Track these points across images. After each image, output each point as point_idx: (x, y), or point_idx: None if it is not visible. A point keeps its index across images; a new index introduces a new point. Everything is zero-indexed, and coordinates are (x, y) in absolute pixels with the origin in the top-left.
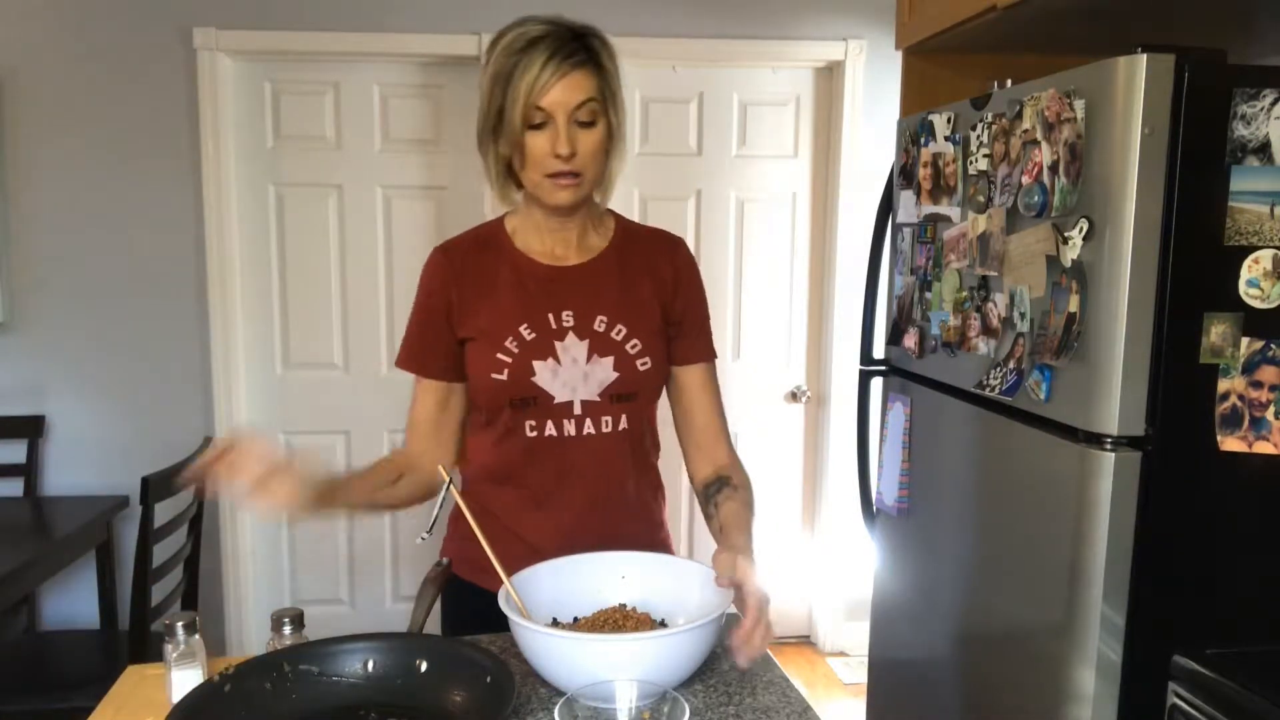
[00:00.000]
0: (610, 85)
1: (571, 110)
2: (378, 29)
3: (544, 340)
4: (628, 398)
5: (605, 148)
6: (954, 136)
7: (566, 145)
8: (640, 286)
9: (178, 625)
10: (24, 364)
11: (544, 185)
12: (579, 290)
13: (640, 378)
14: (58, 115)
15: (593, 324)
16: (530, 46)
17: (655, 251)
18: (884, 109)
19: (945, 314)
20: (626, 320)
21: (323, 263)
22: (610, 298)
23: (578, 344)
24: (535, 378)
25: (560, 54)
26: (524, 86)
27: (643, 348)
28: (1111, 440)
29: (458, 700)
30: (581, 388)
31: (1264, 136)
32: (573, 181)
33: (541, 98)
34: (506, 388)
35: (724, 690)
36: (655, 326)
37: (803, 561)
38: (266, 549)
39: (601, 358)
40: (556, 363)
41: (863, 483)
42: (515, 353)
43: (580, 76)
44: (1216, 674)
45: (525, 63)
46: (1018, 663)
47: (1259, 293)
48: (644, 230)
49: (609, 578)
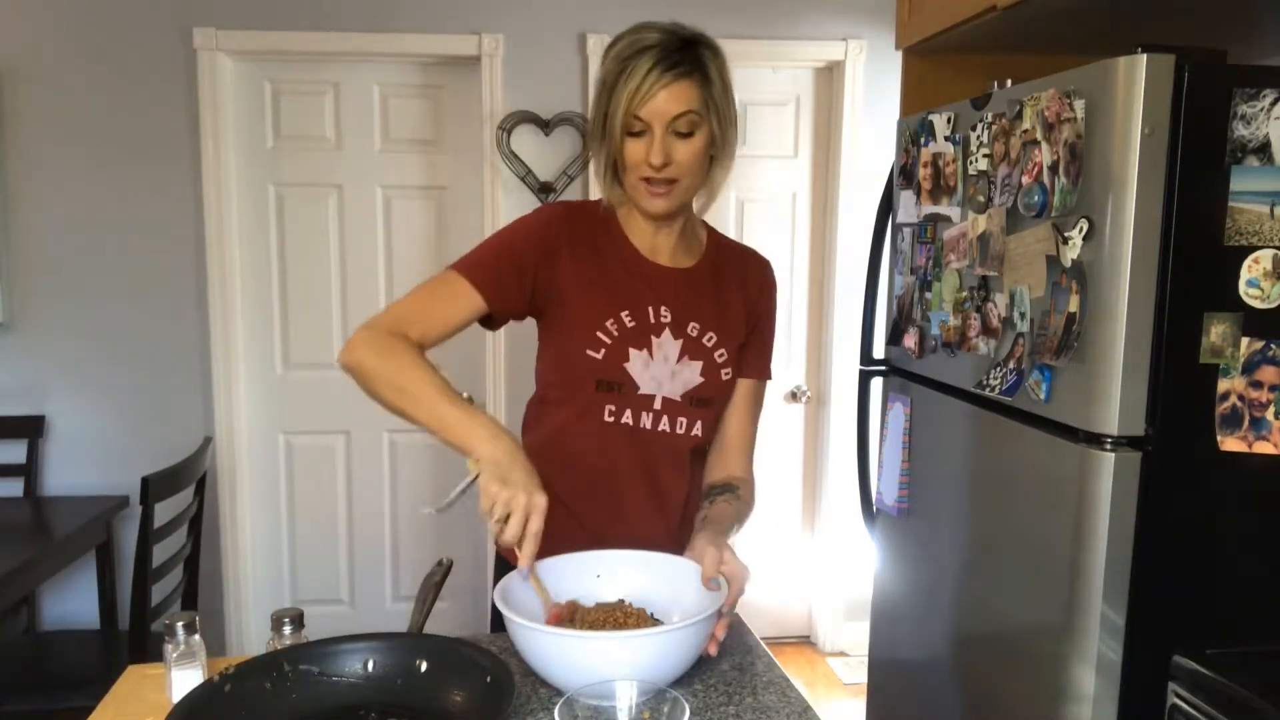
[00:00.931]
0: (715, 96)
1: (669, 121)
2: (378, 29)
3: (642, 331)
4: (705, 403)
5: (704, 158)
6: (954, 136)
7: (660, 155)
8: (732, 300)
9: (178, 625)
10: (24, 364)
11: (639, 190)
12: (678, 292)
13: (722, 386)
14: (58, 115)
15: (686, 327)
16: (637, 55)
17: (747, 268)
18: (884, 109)
19: (945, 314)
20: (718, 330)
21: (323, 263)
22: (705, 305)
23: (672, 342)
24: (628, 364)
25: (664, 64)
26: (625, 95)
27: (728, 358)
28: (1111, 440)
29: (458, 700)
30: (667, 384)
31: (1264, 136)
32: (665, 190)
33: (641, 108)
34: (598, 367)
35: (724, 690)
36: (739, 341)
37: (803, 561)
38: (266, 549)
39: (691, 360)
40: (650, 355)
41: (863, 483)
42: (615, 335)
43: (682, 88)
44: (1216, 674)
45: (630, 71)
46: (1018, 663)
47: (1259, 293)
48: (737, 245)
49: (606, 572)
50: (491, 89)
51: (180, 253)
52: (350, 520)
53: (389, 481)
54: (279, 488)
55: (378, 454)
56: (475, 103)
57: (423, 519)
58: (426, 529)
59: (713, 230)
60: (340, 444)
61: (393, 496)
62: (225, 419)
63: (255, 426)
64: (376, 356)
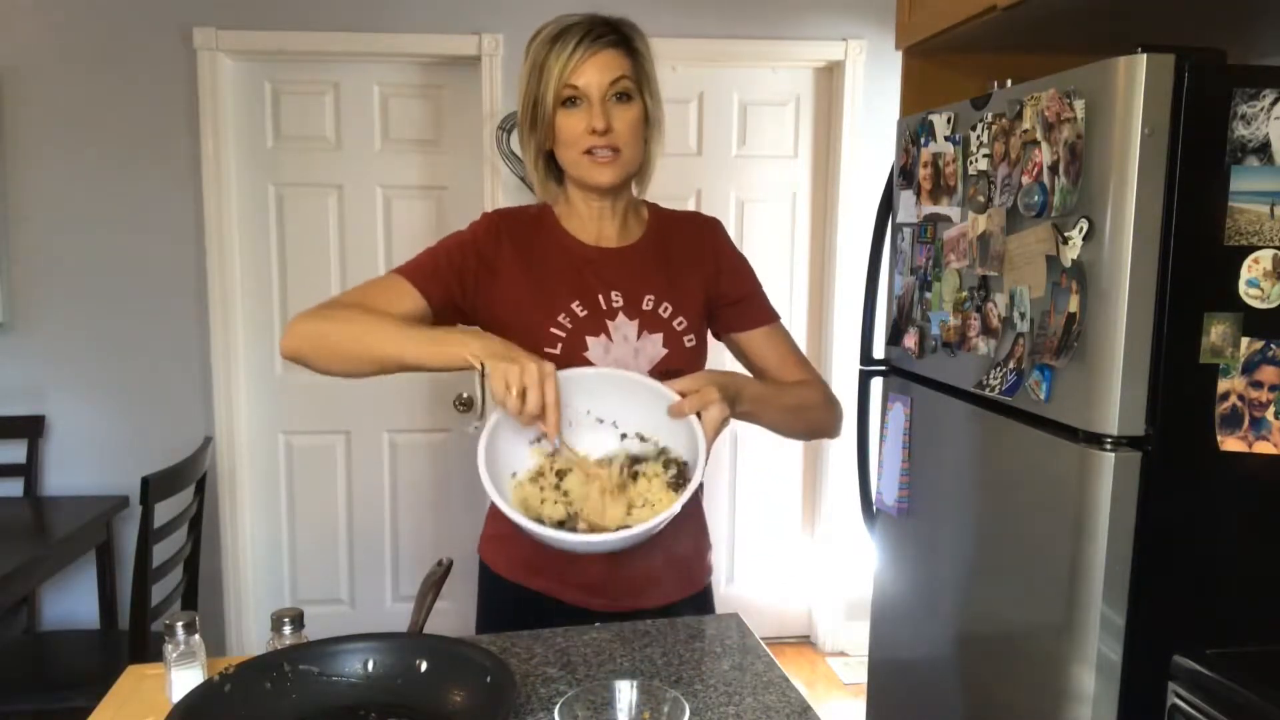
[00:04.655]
0: (644, 68)
1: (605, 87)
2: (378, 29)
3: (596, 317)
4: (675, 374)
5: (642, 129)
6: (954, 136)
7: (601, 119)
8: (683, 268)
9: (178, 625)
10: (24, 364)
11: (582, 163)
12: (625, 271)
13: (687, 354)
14: (58, 115)
15: (641, 303)
16: (564, 33)
17: (693, 234)
18: (884, 109)
19: (945, 314)
20: (672, 299)
21: (323, 263)
22: (655, 279)
23: (628, 323)
24: (588, 353)
25: (591, 35)
26: (557, 69)
27: (688, 325)
28: (1111, 440)
29: (458, 700)
30: (632, 364)
31: (1264, 136)
32: (611, 158)
33: (574, 77)
34: (559, 361)
35: (724, 690)
36: (699, 308)
37: (803, 561)
38: (266, 549)
39: (651, 334)
40: (609, 339)
41: (863, 483)
42: (569, 327)
43: (613, 56)
44: (1216, 674)
45: (559, 47)
46: (1018, 663)
47: (1259, 293)
48: (679, 214)
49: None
50: (491, 89)
51: (180, 253)
52: (350, 520)
53: (389, 481)
54: (279, 488)
55: (378, 454)
56: (475, 103)
57: (422, 519)
58: (426, 529)
59: (654, 205)
60: (340, 444)
61: (393, 496)
62: (225, 419)
63: (255, 426)
64: (323, 320)
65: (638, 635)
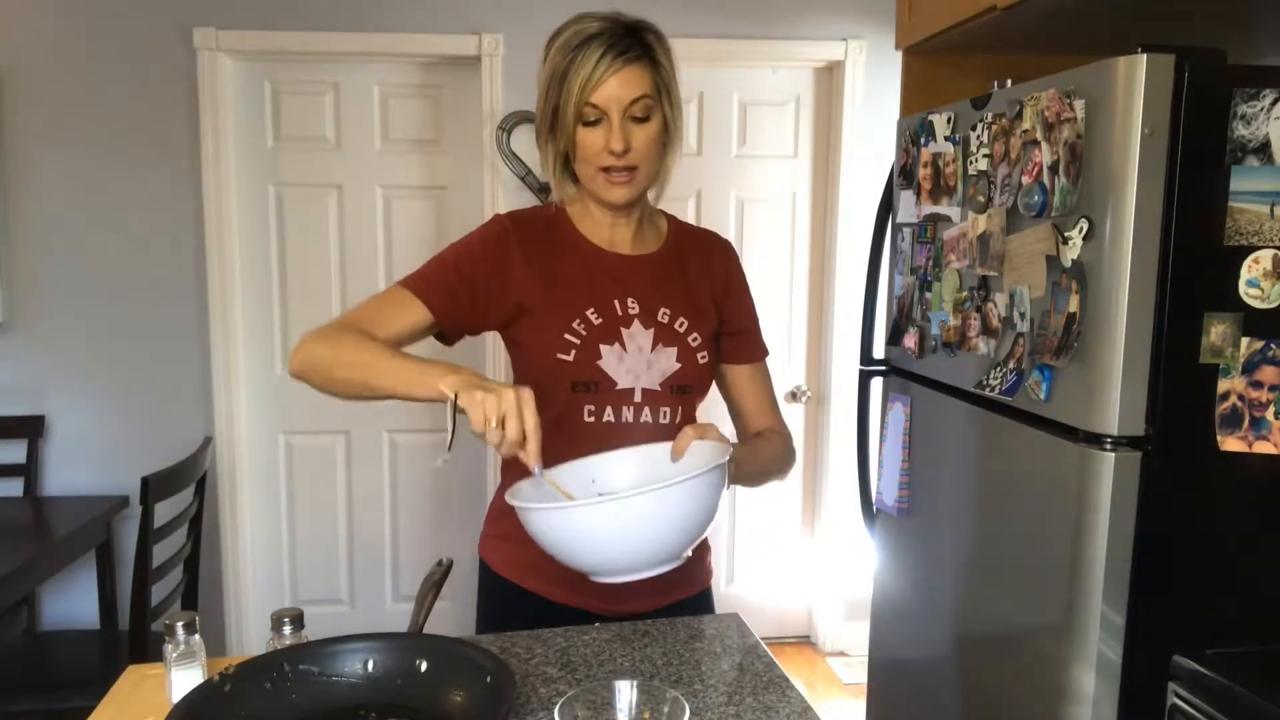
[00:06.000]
0: (665, 80)
1: (625, 106)
2: (378, 29)
3: (611, 325)
4: (685, 390)
5: (660, 143)
6: (954, 136)
7: (620, 141)
8: (698, 284)
9: (178, 625)
10: (24, 364)
11: (598, 181)
12: (640, 280)
13: (700, 370)
14: (58, 115)
15: (656, 314)
16: (585, 44)
17: (709, 252)
18: (884, 109)
19: (945, 314)
20: (688, 314)
21: (323, 263)
22: (672, 291)
23: (643, 332)
24: (601, 361)
25: (614, 50)
26: (577, 84)
27: (702, 342)
28: (1111, 440)
29: (458, 700)
30: (644, 375)
31: (1264, 136)
32: (626, 178)
33: (595, 94)
34: (571, 369)
35: (724, 690)
36: (712, 325)
37: (803, 561)
38: (266, 549)
39: (665, 347)
40: (623, 349)
41: (863, 483)
42: (583, 335)
43: (634, 72)
44: (1216, 674)
45: (580, 60)
46: (1018, 663)
47: (1259, 293)
48: (697, 230)
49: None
50: (491, 89)
51: (180, 253)
52: (350, 520)
53: (389, 481)
54: (279, 488)
55: (378, 454)
56: (475, 103)
57: (422, 519)
58: (426, 529)
59: (672, 217)
60: (340, 444)
61: (393, 496)
62: (225, 419)
63: (255, 426)
64: (327, 345)
65: (638, 635)
